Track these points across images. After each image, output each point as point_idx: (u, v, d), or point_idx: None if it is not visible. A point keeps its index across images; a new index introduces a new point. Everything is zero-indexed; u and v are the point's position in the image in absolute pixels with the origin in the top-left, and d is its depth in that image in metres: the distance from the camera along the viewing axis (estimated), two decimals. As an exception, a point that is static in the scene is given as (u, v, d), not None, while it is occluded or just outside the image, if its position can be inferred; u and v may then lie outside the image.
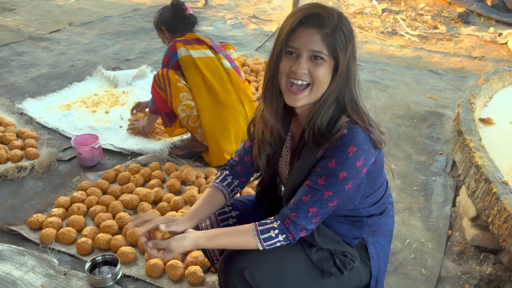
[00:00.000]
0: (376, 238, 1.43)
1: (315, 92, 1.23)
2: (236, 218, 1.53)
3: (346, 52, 1.20)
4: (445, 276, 1.95)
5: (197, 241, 1.29)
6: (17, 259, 1.86)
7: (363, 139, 1.20)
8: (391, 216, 1.48)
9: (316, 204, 1.23)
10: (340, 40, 1.19)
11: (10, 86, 3.56)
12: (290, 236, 1.27)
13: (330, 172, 1.21)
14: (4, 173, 2.42)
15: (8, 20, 5.43)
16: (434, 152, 2.96)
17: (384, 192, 1.42)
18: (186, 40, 2.52)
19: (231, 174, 1.54)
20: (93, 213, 2.14)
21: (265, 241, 1.26)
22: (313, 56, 1.20)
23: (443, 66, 4.78)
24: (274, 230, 1.26)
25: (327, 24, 1.18)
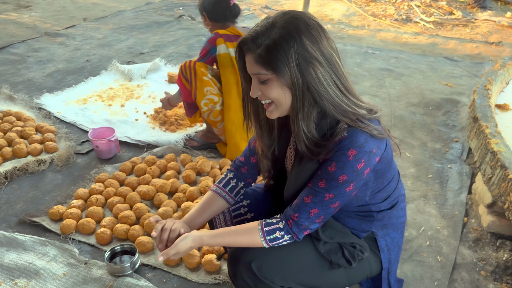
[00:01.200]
0: (386, 231, 1.43)
1: (281, 106, 1.20)
2: (248, 207, 1.55)
3: (288, 60, 1.11)
4: (460, 263, 1.94)
5: (200, 239, 1.32)
6: (40, 249, 1.92)
7: (364, 140, 1.15)
8: (402, 209, 1.46)
9: (317, 206, 1.23)
10: (276, 52, 1.11)
11: (28, 82, 3.63)
12: (295, 236, 1.27)
13: (330, 176, 1.19)
14: (25, 167, 2.49)
15: (24, 17, 5.52)
16: (450, 140, 2.93)
17: (395, 185, 1.40)
18: (228, 36, 2.44)
19: (236, 176, 1.53)
20: (111, 204, 2.19)
21: (271, 242, 1.28)
22: (259, 79, 1.18)
23: (459, 53, 4.70)
24: (280, 231, 1.27)
25: (258, 44, 1.14)
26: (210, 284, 1.80)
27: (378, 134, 1.18)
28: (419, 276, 1.86)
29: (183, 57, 4.30)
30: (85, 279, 1.79)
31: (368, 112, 1.21)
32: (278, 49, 1.11)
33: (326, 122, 1.20)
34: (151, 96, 3.40)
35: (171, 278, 1.83)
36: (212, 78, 2.48)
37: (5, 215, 2.16)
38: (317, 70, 1.12)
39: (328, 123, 1.20)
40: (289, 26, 1.12)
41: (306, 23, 1.13)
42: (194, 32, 5.09)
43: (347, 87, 1.19)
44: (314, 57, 1.12)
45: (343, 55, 1.24)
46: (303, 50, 1.11)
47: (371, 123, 1.19)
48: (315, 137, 1.20)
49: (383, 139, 1.22)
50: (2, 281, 1.76)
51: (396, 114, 3.26)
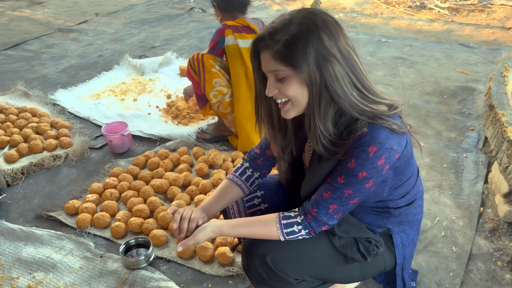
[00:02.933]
0: (402, 227, 1.42)
1: (297, 105, 1.18)
2: (261, 198, 1.55)
3: (307, 56, 1.09)
4: (476, 254, 1.92)
5: (220, 229, 1.32)
6: (56, 243, 1.96)
7: (385, 137, 1.13)
8: (420, 206, 1.44)
9: (336, 202, 1.22)
10: (295, 48, 1.10)
11: (43, 78, 3.68)
12: (312, 231, 1.27)
13: (349, 172, 1.17)
14: (41, 162, 2.53)
15: (37, 13, 5.58)
16: (465, 128, 2.88)
17: (414, 182, 1.38)
18: (236, 27, 2.43)
19: (251, 166, 1.53)
20: (125, 198, 2.22)
21: (288, 235, 1.27)
22: (276, 76, 1.16)
23: (474, 39, 4.61)
24: (297, 226, 1.26)
25: (276, 40, 1.12)
26: (224, 277, 1.81)
27: (398, 129, 1.16)
28: (434, 267, 1.84)
29: (194, 50, 4.30)
30: (101, 272, 1.82)
31: (388, 109, 1.19)
32: (297, 45, 1.09)
33: (344, 120, 1.19)
34: (163, 90, 3.42)
35: (185, 271, 1.85)
36: (221, 69, 2.48)
37: (22, 210, 2.20)
38: (334, 67, 1.11)
39: (345, 121, 1.19)
40: (307, 21, 1.10)
41: (323, 19, 1.11)
42: (205, 25, 5.08)
43: (364, 85, 1.17)
44: (332, 54, 1.10)
45: (355, 44, 1.22)
46: (321, 46, 1.09)
47: (391, 119, 1.17)
48: (333, 135, 1.18)
49: (403, 135, 1.19)
50: (20, 274, 1.80)
51: (410, 103, 3.22)
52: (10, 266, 1.84)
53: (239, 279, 1.79)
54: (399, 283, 1.54)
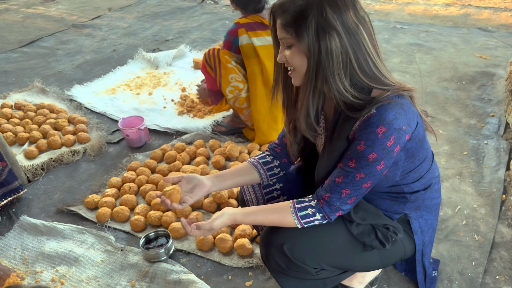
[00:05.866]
0: (419, 213, 1.40)
1: (299, 74, 1.20)
2: (281, 190, 1.55)
3: (307, 27, 1.10)
4: (499, 242, 1.89)
5: (234, 216, 1.32)
6: (78, 237, 1.98)
7: (393, 117, 1.11)
8: (437, 190, 1.42)
9: (348, 186, 1.21)
10: (298, 17, 1.12)
11: (59, 74, 3.72)
12: (326, 216, 1.26)
13: (359, 155, 1.16)
14: (60, 158, 2.56)
15: (51, 10, 5.62)
16: (485, 115, 2.82)
17: (429, 166, 1.35)
18: (249, 24, 2.39)
19: (271, 154, 1.53)
20: (144, 192, 2.23)
21: (303, 219, 1.26)
22: (284, 44, 1.19)
23: (493, 23, 4.49)
24: (311, 208, 1.26)
25: (284, 9, 1.15)
26: (243, 268, 1.81)
27: (407, 109, 1.14)
28: (456, 256, 1.82)
29: (207, 42, 4.29)
30: (122, 265, 1.84)
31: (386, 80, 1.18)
32: (300, 15, 1.11)
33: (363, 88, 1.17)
34: (178, 83, 3.42)
35: (205, 263, 1.86)
36: (237, 65, 2.46)
37: (44, 205, 2.24)
38: (333, 41, 1.09)
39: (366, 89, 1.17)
40: None
41: None
42: (217, 16, 5.06)
43: (362, 68, 1.13)
44: (333, 27, 1.09)
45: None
46: (322, 17, 1.09)
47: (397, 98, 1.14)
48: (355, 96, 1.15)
49: (413, 115, 1.17)
50: (44, 268, 1.83)
51: (428, 91, 3.16)
52: (34, 260, 1.88)
53: (259, 271, 1.80)
54: (419, 269, 1.53)
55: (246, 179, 1.50)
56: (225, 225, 1.32)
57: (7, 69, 3.84)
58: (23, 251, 1.93)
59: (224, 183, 1.47)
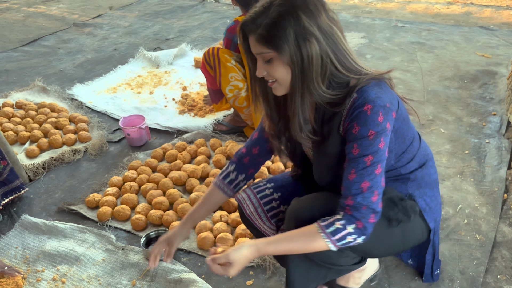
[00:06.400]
0: (422, 190, 1.40)
1: (284, 84, 1.20)
2: (279, 199, 1.51)
3: (287, 38, 1.11)
4: (501, 241, 1.88)
5: (256, 247, 1.23)
6: (79, 236, 1.99)
7: (375, 95, 1.15)
8: (432, 166, 1.45)
9: (364, 177, 1.17)
10: (275, 30, 1.11)
11: (60, 73, 3.72)
12: (359, 224, 1.17)
13: (358, 137, 1.16)
14: (61, 157, 2.56)
15: (52, 9, 5.63)
16: (487, 113, 2.81)
17: (418, 145, 1.38)
18: None
19: (236, 169, 1.51)
20: (145, 191, 2.23)
21: (334, 235, 1.17)
22: (263, 58, 1.18)
23: (495, 21, 4.48)
24: (339, 221, 1.17)
25: (257, 24, 1.14)
26: (244, 267, 1.81)
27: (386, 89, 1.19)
28: (457, 255, 1.81)
29: (208, 41, 4.28)
30: (123, 264, 1.84)
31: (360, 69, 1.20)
32: (277, 27, 1.11)
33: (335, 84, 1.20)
34: (179, 82, 3.42)
35: (206, 262, 1.86)
36: (236, 64, 2.45)
37: (45, 204, 2.24)
38: (313, 46, 1.12)
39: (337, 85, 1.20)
40: (285, 3, 1.12)
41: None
42: (218, 15, 5.06)
43: (344, 64, 1.17)
44: (311, 33, 1.11)
45: (371, 30, 1.20)
46: (300, 26, 1.10)
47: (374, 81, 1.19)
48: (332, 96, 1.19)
49: (393, 95, 1.22)
50: (45, 267, 1.84)
51: (429, 89, 3.16)
52: (35, 259, 1.88)
53: (260, 270, 1.80)
54: (429, 250, 1.55)
55: (214, 203, 1.54)
56: (247, 258, 1.22)
57: (8, 68, 3.84)
58: (24, 250, 1.93)
59: (197, 220, 1.56)
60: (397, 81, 3.29)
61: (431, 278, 1.67)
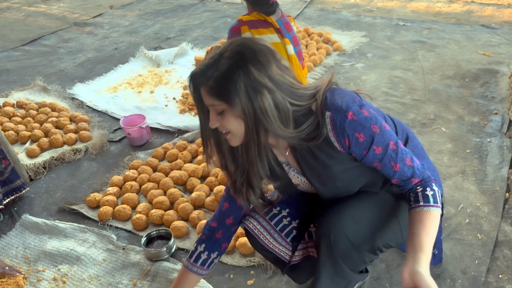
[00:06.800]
0: None
1: (238, 135, 1.18)
2: (289, 216, 1.48)
3: (238, 91, 1.09)
4: (503, 240, 1.87)
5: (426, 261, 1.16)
6: (80, 236, 1.98)
7: (342, 102, 1.16)
8: (414, 137, 1.47)
9: (404, 158, 1.22)
10: (226, 83, 1.09)
11: (61, 73, 3.71)
12: (434, 181, 1.26)
13: (370, 140, 1.17)
14: (62, 156, 2.56)
15: (53, 8, 5.62)
16: (489, 112, 2.80)
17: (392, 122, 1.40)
18: (252, 22, 2.35)
19: (207, 248, 1.45)
20: (145, 190, 2.23)
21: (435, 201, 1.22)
22: (215, 110, 1.15)
23: (496, 19, 4.47)
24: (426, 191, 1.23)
25: (207, 77, 1.12)
26: (245, 267, 1.81)
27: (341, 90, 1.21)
28: (458, 254, 1.81)
29: (209, 40, 4.28)
30: (123, 264, 1.84)
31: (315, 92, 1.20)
32: (227, 80, 1.09)
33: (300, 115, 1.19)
34: (180, 81, 3.41)
35: (207, 262, 1.85)
36: None
37: (45, 204, 2.24)
38: (266, 99, 1.10)
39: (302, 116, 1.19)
40: (235, 56, 1.10)
41: (252, 50, 1.11)
42: (219, 14, 5.05)
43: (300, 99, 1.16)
44: (263, 85, 1.09)
45: (372, 29, 1.20)
46: (250, 79, 1.09)
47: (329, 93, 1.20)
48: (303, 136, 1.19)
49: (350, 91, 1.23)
50: (45, 267, 1.83)
51: (430, 88, 3.15)
52: (36, 259, 1.88)
53: (261, 269, 1.79)
54: None
55: (191, 286, 1.51)
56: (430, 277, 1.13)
57: (9, 68, 3.84)
58: (25, 249, 1.93)
59: None
60: (398, 80, 3.28)
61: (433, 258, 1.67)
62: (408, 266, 1.14)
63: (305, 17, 4.76)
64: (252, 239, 1.48)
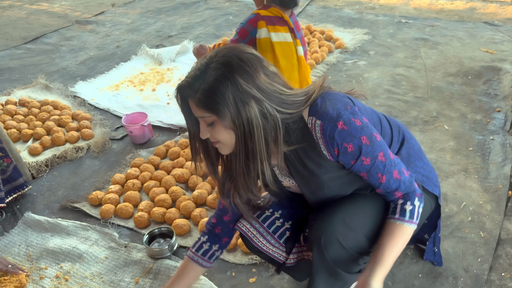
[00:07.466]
0: (413, 165, 1.41)
1: (228, 145, 1.17)
2: (282, 217, 1.48)
3: (227, 102, 1.08)
4: (505, 239, 1.87)
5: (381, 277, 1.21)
6: (82, 234, 1.99)
7: (333, 110, 1.14)
8: (411, 138, 1.45)
9: (391, 170, 1.20)
10: (214, 95, 1.08)
11: (63, 71, 3.72)
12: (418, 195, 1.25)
13: (358, 150, 1.16)
14: (64, 154, 2.56)
15: (55, 6, 5.62)
16: (491, 110, 2.79)
17: (387, 123, 1.37)
18: (269, 18, 2.28)
19: (209, 239, 1.49)
20: (147, 188, 2.23)
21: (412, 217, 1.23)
22: (205, 121, 1.15)
23: (499, 17, 4.45)
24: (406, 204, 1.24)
25: (195, 89, 1.10)
26: (247, 265, 1.81)
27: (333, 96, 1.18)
28: (461, 252, 1.80)
29: (211, 38, 4.27)
30: (126, 261, 1.84)
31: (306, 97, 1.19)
32: (215, 92, 1.08)
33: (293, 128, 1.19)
34: (181, 79, 3.40)
35: (209, 260, 1.85)
36: None
37: (48, 202, 2.24)
38: (251, 110, 1.09)
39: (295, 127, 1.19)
40: (221, 67, 1.09)
41: (239, 59, 1.09)
42: (221, 12, 5.04)
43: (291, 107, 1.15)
44: (250, 95, 1.09)
45: (374, 27, 1.19)
46: (238, 90, 1.08)
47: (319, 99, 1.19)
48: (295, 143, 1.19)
49: (343, 96, 1.20)
50: (48, 265, 1.84)
51: (433, 86, 3.14)
52: (38, 256, 1.88)
53: (263, 267, 1.79)
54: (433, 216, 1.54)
55: (191, 278, 1.51)
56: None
57: (11, 66, 3.84)
58: (28, 247, 1.94)
59: None
60: (400, 78, 3.27)
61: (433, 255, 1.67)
62: (364, 275, 1.20)
63: (307, 15, 4.74)
64: (246, 241, 1.48)
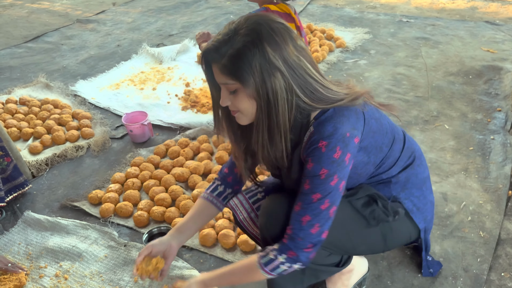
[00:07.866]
0: (408, 191, 1.38)
1: (248, 115, 1.17)
2: (264, 191, 1.50)
3: (252, 71, 1.06)
4: (505, 238, 1.87)
5: (203, 282, 1.33)
6: (81, 233, 1.99)
7: (332, 129, 1.11)
8: (420, 165, 1.41)
9: (307, 212, 1.16)
10: (240, 62, 1.07)
11: (63, 70, 3.72)
12: (291, 254, 1.18)
13: (310, 173, 1.14)
14: (64, 153, 2.57)
15: (56, 5, 5.62)
16: (492, 109, 2.79)
17: (401, 146, 1.35)
18: (279, 13, 2.21)
19: (223, 183, 1.52)
20: (147, 187, 2.23)
21: (266, 266, 1.21)
22: (227, 89, 1.14)
23: (501, 16, 4.44)
24: (272, 252, 1.21)
25: (221, 54, 1.09)
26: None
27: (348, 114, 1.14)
28: (460, 252, 1.80)
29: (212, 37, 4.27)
30: (125, 260, 1.84)
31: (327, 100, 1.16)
32: (242, 59, 1.06)
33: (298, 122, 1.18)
34: (182, 78, 3.41)
35: (208, 259, 1.85)
36: None
37: (48, 201, 2.24)
38: (277, 81, 1.08)
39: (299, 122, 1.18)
40: (251, 33, 1.07)
41: (269, 28, 1.08)
42: (222, 11, 5.04)
43: (311, 96, 1.13)
44: (276, 67, 1.07)
45: (375, 26, 1.18)
46: (265, 59, 1.06)
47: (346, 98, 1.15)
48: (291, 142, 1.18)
49: (358, 117, 1.16)
50: (47, 264, 1.84)
51: (434, 85, 3.13)
52: (38, 255, 1.89)
53: (262, 267, 1.79)
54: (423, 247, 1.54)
55: (206, 217, 1.52)
56: None
57: (12, 65, 3.85)
58: (27, 246, 1.94)
59: (187, 233, 1.50)
60: (401, 77, 3.27)
61: (429, 273, 1.67)
62: (195, 279, 1.33)
63: (308, 14, 4.73)
64: (236, 219, 1.52)
